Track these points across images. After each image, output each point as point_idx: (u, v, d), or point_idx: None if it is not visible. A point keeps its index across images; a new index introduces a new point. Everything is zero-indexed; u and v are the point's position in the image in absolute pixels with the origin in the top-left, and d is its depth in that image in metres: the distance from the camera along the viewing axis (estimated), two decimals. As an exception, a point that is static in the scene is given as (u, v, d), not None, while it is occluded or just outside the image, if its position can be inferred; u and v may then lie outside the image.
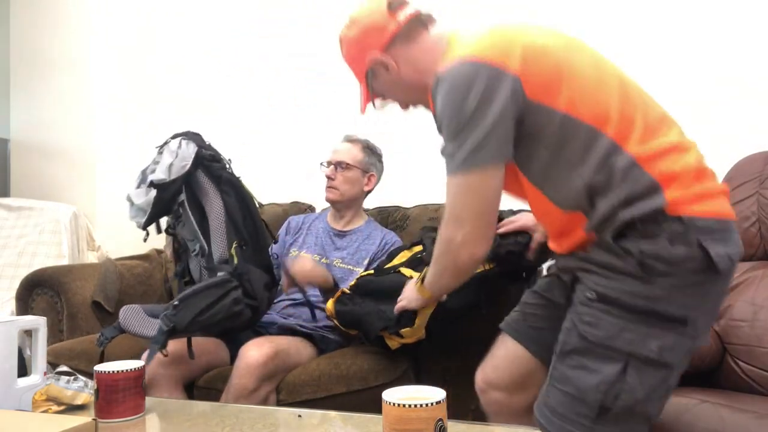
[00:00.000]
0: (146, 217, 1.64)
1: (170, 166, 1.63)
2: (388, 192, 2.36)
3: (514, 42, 1.07)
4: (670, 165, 1.02)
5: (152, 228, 1.75)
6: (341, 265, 1.96)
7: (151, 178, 1.64)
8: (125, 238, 2.99)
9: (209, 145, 1.77)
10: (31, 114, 3.07)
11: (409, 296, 1.48)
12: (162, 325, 1.47)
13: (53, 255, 2.66)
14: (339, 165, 2.02)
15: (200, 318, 1.50)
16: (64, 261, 2.64)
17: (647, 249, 0.99)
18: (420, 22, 1.24)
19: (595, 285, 1.03)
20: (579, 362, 1.02)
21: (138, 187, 1.70)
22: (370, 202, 2.30)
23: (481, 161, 1.06)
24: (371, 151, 2.08)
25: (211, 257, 1.63)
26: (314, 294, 1.89)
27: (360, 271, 1.92)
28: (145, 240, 1.77)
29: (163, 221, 1.76)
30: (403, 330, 1.56)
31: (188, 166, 1.65)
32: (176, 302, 1.49)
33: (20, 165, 3.08)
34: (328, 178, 2.02)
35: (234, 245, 1.63)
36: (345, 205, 2.05)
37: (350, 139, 2.09)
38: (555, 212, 1.11)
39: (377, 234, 2.03)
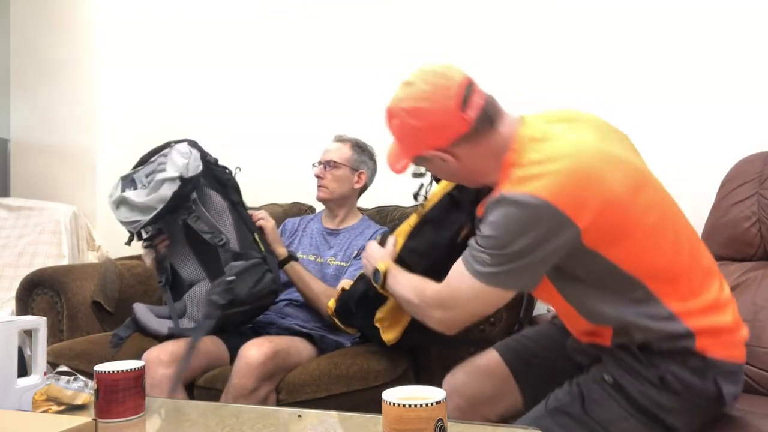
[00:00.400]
0: (155, 213, 1.69)
1: (186, 165, 1.70)
2: (387, 191, 2.36)
3: (594, 196, 1.02)
4: (707, 322, 1.06)
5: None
6: (334, 262, 1.97)
7: (167, 175, 1.69)
8: (125, 238, 2.99)
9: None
10: (31, 114, 3.06)
11: (366, 263, 1.43)
12: (218, 299, 1.63)
13: (53, 255, 2.66)
14: (327, 164, 2.04)
15: (255, 290, 1.68)
16: (64, 261, 2.63)
17: (672, 369, 1.05)
18: (487, 119, 1.12)
19: (614, 373, 1.08)
20: (570, 425, 1.08)
21: (123, 190, 1.76)
22: (369, 202, 2.30)
23: (508, 286, 1.09)
24: (361, 150, 2.09)
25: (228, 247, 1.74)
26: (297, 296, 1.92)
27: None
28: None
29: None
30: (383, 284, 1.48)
31: (201, 167, 1.73)
32: (231, 278, 1.65)
33: (20, 165, 3.08)
34: (318, 177, 2.04)
35: (256, 235, 1.78)
36: (336, 203, 2.07)
37: (340, 139, 2.11)
38: (585, 323, 1.14)
39: (370, 231, 2.04)
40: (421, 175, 1.30)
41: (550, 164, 1.03)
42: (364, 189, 2.12)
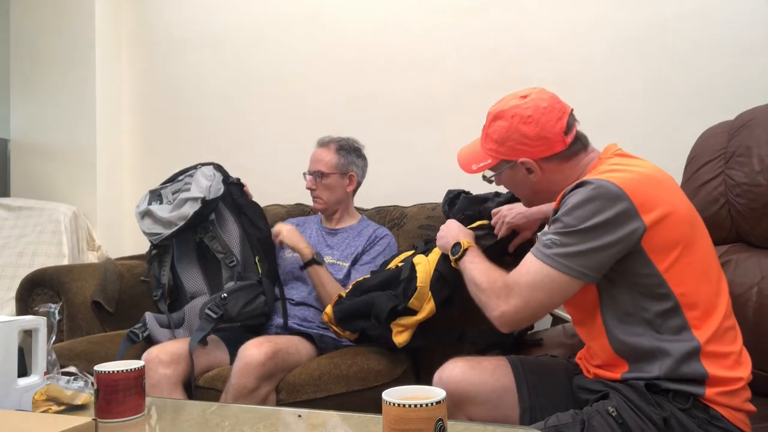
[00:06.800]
0: (176, 228, 1.84)
1: (209, 187, 1.85)
2: (387, 191, 2.37)
3: (661, 201, 1.11)
4: (725, 372, 1.08)
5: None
6: (331, 261, 1.98)
7: (190, 195, 1.84)
8: (125, 238, 2.99)
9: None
10: (31, 114, 3.06)
11: (440, 242, 1.50)
12: (210, 313, 1.73)
13: (53, 255, 2.66)
14: (316, 174, 2.03)
15: (245, 309, 1.79)
16: (64, 261, 2.63)
17: (678, 415, 1.06)
18: (581, 143, 1.26)
19: (620, 408, 1.09)
20: None
21: (150, 203, 1.91)
22: (368, 202, 2.30)
23: (571, 271, 1.11)
24: (347, 151, 2.07)
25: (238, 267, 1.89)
26: (298, 295, 1.93)
27: (348, 266, 1.95)
28: (150, 252, 1.94)
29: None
30: (410, 302, 1.54)
31: (222, 190, 1.88)
32: (225, 295, 1.77)
33: (20, 165, 3.08)
34: (310, 189, 2.05)
35: (257, 258, 1.90)
36: (332, 209, 2.08)
37: (323, 143, 2.08)
38: (606, 349, 1.16)
39: (368, 231, 2.04)
40: (490, 180, 1.35)
41: (631, 167, 1.16)
42: (357, 187, 2.12)
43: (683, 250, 1.10)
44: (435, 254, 1.58)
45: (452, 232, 1.47)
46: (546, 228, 1.18)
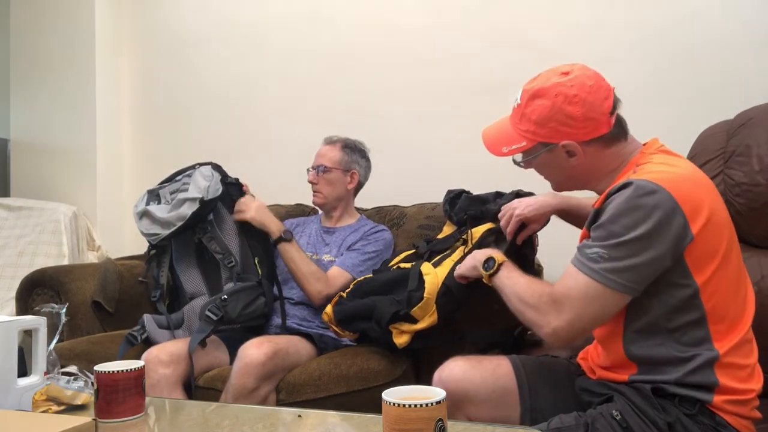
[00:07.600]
0: (174, 229, 1.83)
1: (207, 187, 1.84)
2: (387, 191, 2.37)
3: (706, 203, 1.07)
4: (737, 383, 1.07)
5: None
6: (328, 258, 1.99)
7: (188, 195, 1.83)
8: (125, 238, 2.99)
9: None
10: (31, 114, 3.06)
11: (468, 264, 1.40)
12: (210, 315, 1.72)
13: (53, 255, 2.66)
14: (319, 168, 2.05)
15: (245, 311, 1.78)
16: (64, 261, 2.63)
17: (683, 420, 1.05)
18: (621, 127, 1.20)
19: (624, 411, 1.08)
20: None
21: (148, 203, 1.90)
22: (368, 202, 2.30)
23: (621, 287, 1.06)
24: (351, 150, 2.09)
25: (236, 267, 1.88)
26: (297, 295, 1.93)
27: None
28: (148, 253, 1.92)
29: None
30: (413, 310, 1.53)
31: (220, 190, 1.86)
32: (225, 296, 1.76)
33: (20, 165, 3.08)
34: (311, 182, 2.06)
35: (256, 259, 1.89)
36: (331, 206, 2.09)
37: (329, 141, 2.12)
38: (619, 353, 1.14)
39: (365, 228, 2.05)
40: (520, 164, 1.27)
41: (675, 168, 1.11)
42: (359, 187, 2.13)
43: (721, 262, 1.07)
44: (444, 267, 1.57)
45: (478, 254, 1.37)
46: (587, 231, 1.12)
